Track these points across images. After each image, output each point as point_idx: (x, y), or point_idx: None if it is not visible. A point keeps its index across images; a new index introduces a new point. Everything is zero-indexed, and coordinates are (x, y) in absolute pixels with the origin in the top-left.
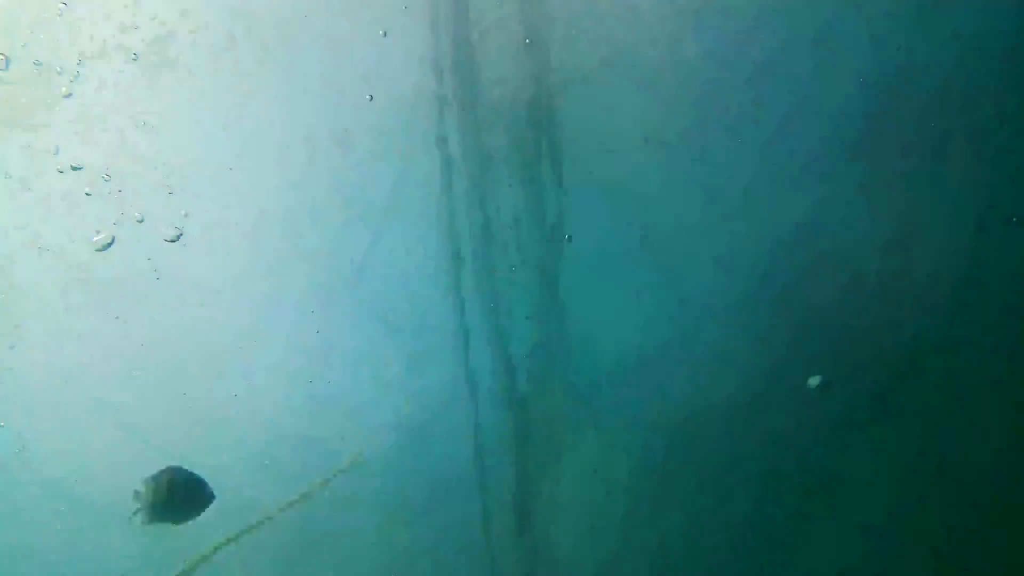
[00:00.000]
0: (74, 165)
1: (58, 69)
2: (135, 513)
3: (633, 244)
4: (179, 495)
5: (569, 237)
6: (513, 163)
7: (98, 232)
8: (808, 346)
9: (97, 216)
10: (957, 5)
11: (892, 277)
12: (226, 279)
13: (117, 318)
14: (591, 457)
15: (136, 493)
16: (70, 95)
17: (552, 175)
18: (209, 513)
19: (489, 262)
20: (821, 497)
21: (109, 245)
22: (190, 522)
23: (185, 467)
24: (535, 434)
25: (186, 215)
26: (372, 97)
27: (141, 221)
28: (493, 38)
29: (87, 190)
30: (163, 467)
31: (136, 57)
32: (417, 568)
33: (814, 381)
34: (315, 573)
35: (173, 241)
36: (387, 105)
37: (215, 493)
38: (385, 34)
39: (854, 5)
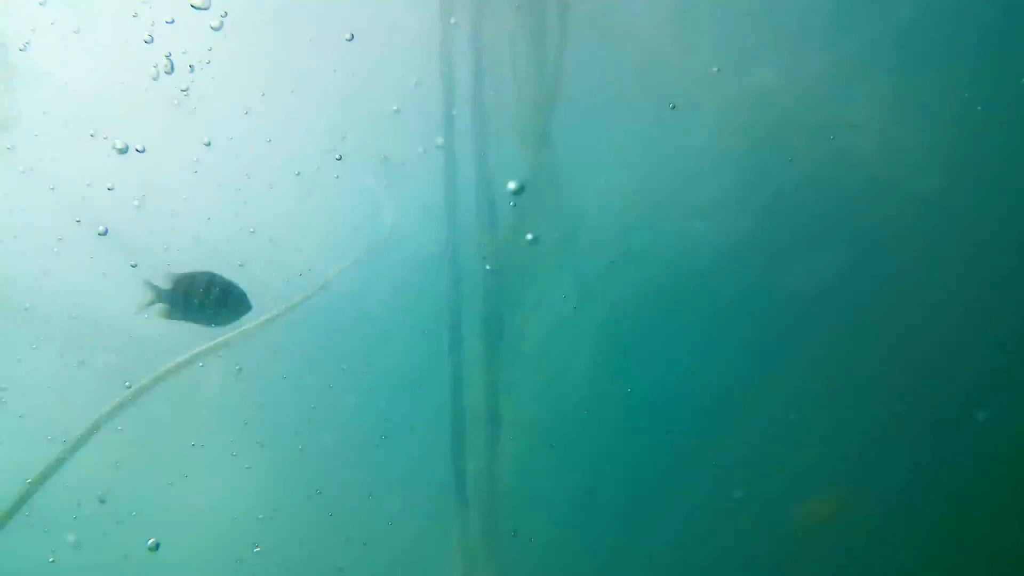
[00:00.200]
0: None
1: None
2: (150, 304)
3: (632, 91)
4: (213, 297)
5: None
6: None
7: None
8: (797, 202)
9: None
10: None
11: (886, 140)
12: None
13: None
14: (564, 300)
15: (152, 286)
16: None
17: (556, 14)
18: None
19: (481, 101)
20: (814, 347)
21: None
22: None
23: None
24: (511, 270)
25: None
26: None
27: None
28: None
29: None
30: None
31: None
32: (381, 391)
33: None
34: (286, 383)
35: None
36: None
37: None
38: None
39: None
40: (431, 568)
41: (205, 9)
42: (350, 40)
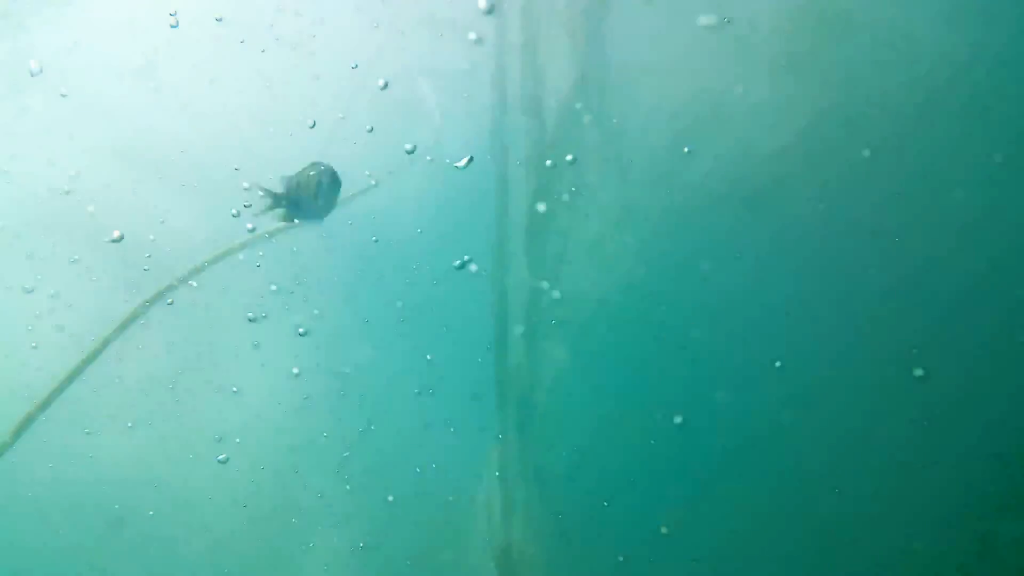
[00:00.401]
0: None
1: None
2: (269, 210)
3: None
4: (323, 186)
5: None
6: None
7: None
8: (854, 114)
9: None
10: None
11: (943, 51)
12: None
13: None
14: (611, 206)
15: (267, 191)
16: None
17: None
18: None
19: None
20: (870, 260)
21: None
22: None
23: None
24: (558, 168)
25: None
26: None
27: None
28: None
29: None
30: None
31: None
32: (429, 274)
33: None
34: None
35: None
36: None
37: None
38: None
39: None
40: (471, 459)
41: None
42: None
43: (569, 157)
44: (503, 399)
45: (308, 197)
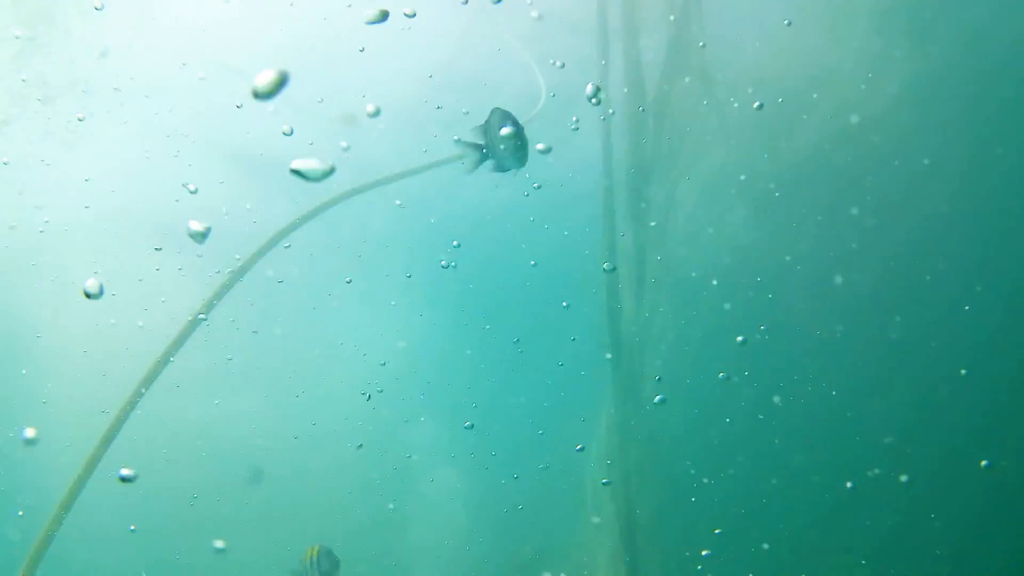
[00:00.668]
0: None
1: None
2: (479, 164)
3: None
4: (512, 125)
5: None
6: None
7: None
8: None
9: None
10: None
11: None
12: None
13: None
14: (715, 172)
15: (470, 146)
16: None
17: None
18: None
19: None
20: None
21: None
22: None
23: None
24: (664, 133)
25: None
26: None
27: None
28: None
29: None
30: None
31: None
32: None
33: None
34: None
35: None
36: None
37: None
38: None
39: None
40: (585, 424)
41: None
42: None
43: (671, 125)
44: (617, 365)
45: (496, 146)
